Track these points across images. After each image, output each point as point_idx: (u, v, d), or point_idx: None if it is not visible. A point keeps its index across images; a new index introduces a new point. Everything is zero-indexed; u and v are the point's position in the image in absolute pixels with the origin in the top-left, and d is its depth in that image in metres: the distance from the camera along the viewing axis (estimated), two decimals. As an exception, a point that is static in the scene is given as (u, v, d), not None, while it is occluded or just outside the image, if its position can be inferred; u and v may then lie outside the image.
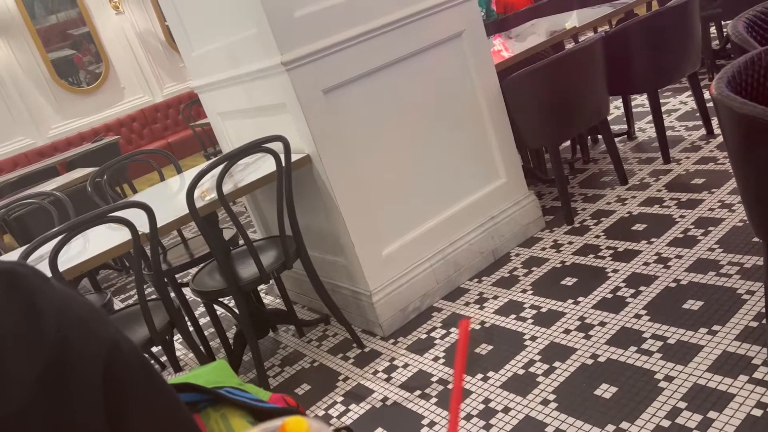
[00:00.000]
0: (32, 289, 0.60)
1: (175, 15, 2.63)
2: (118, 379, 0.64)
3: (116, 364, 0.64)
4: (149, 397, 0.71)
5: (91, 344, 0.63)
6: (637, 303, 2.17)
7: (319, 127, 2.30)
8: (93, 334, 0.63)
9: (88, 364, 0.62)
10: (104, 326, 0.65)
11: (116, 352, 0.65)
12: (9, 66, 7.61)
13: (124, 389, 0.66)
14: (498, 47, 3.64)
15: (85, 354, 0.62)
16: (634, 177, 3.18)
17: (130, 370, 0.67)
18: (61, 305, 0.62)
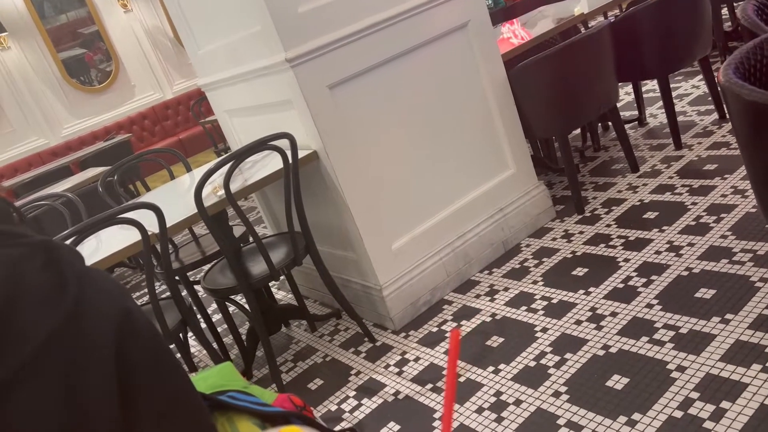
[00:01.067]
0: (63, 257, 0.70)
1: (180, 14, 2.64)
2: (130, 348, 0.71)
3: (130, 334, 0.71)
4: (160, 370, 0.76)
5: (107, 310, 0.70)
6: (649, 292, 2.16)
7: (325, 123, 2.30)
8: (110, 302, 0.71)
9: (102, 329, 0.69)
10: (122, 298, 0.72)
11: (130, 323, 0.72)
12: (20, 67, 7.67)
13: (136, 359, 0.72)
14: (505, 35, 3.61)
15: (99, 318, 0.69)
16: (645, 164, 3.15)
17: (142, 341, 0.73)
18: (84, 274, 0.71)
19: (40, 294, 0.68)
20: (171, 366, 0.79)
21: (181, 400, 0.80)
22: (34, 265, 0.69)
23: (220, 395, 0.96)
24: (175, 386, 0.80)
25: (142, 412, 0.76)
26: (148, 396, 0.75)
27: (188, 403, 0.82)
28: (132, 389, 0.73)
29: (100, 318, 0.70)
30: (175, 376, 0.81)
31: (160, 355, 0.78)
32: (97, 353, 0.70)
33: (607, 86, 2.91)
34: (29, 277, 0.68)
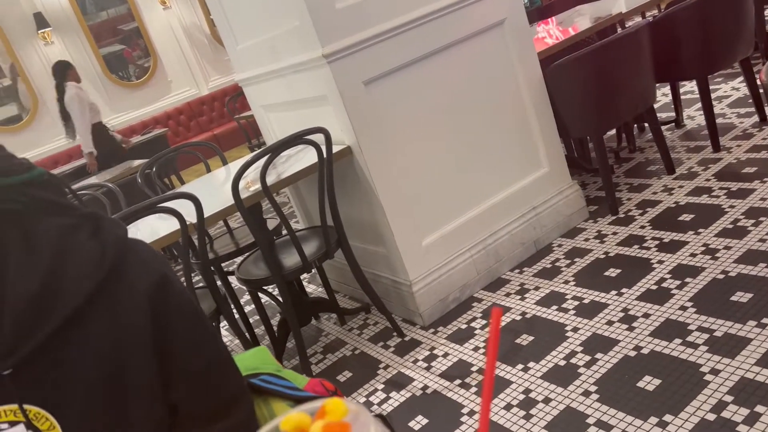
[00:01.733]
0: (107, 227, 0.78)
1: (220, 10, 2.69)
2: (165, 308, 0.78)
3: (166, 295, 0.78)
4: (195, 332, 0.83)
5: (145, 274, 0.78)
6: (683, 295, 2.13)
7: (360, 119, 2.32)
8: (147, 266, 0.78)
9: (140, 289, 0.76)
10: (158, 263, 0.79)
11: (167, 286, 0.79)
12: (63, 62, 7.87)
13: (171, 318, 0.79)
14: (541, 34, 3.59)
15: (138, 279, 0.77)
16: (681, 166, 3.10)
17: (178, 303, 0.80)
18: (126, 242, 0.79)
19: (85, 259, 0.74)
20: (205, 329, 0.84)
21: (215, 358, 0.85)
22: (83, 233, 0.76)
23: (254, 378, 0.99)
24: (210, 348, 0.84)
25: (177, 365, 0.80)
26: (182, 354, 0.80)
27: (222, 361, 0.86)
28: (168, 343, 0.79)
29: (138, 280, 0.77)
30: (210, 339, 0.85)
31: (195, 318, 0.82)
32: (136, 310, 0.76)
33: (643, 86, 2.87)
34: (78, 243, 0.74)
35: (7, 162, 0.73)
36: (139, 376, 0.78)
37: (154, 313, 0.77)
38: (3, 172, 0.72)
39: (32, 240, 0.72)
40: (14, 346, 0.71)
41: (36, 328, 0.72)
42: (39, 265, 0.72)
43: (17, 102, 7.82)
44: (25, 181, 0.74)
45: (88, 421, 0.77)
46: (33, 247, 0.72)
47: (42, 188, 0.76)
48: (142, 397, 0.78)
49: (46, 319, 0.72)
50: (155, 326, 0.77)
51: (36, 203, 0.74)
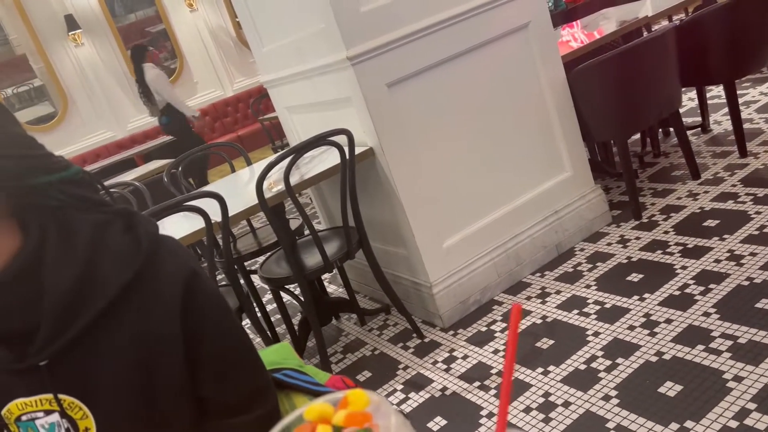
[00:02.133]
0: (140, 223, 0.81)
1: (247, 12, 2.73)
2: (195, 302, 0.80)
3: (195, 290, 0.80)
4: (223, 325, 0.85)
5: (176, 269, 0.80)
6: (707, 301, 2.11)
7: (383, 121, 2.34)
8: (178, 261, 0.81)
9: (171, 282, 0.79)
10: (188, 258, 0.82)
11: (196, 280, 0.81)
12: (92, 63, 8.04)
13: (200, 312, 0.81)
14: (566, 38, 3.58)
15: (169, 273, 0.79)
16: (707, 171, 3.07)
17: (207, 298, 0.82)
18: (157, 237, 0.81)
19: (119, 253, 0.77)
20: (232, 323, 0.87)
21: (242, 351, 0.87)
22: (115, 229, 0.79)
23: (276, 372, 1.02)
24: (237, 341, 0.87)
25: (205, 358, 0.83)
26: (211, 343, 0.83)
27: (248, 354, 0.88)
28: (197, 335, 0.81)
29: (169, 274, 0.79)
30: (237, 333, 0.87)
31: (223, 313, 0.85)
32: (167, 302, 0.79)
33: (669, 91, 2.85)
34: (111, 239, 0.77)
35: (47, 160, 0.76)
36: (169, 368, 0.80)
37: (184, 306, 0.80)
38: (44, 170, 0.75)
39: (68, 235, 0.75)
40: (52, 338, 0.74)
41: (72, 321, 0.75)
42: (75, 260, 0.74)
43: (49, 101, 8.00)
44: (63, 179, 0.77)
45: (119, 411, 0.79)
46: (69, 241, 0.75)
47: (78, 185, 0.78)
48: (172, 387, 0.81)
49: (81, 312, 0.75)
50: (185, 319, 0.80)
51: (72, 199, 0.77)
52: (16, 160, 0.73)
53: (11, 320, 0.76)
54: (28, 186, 0.74)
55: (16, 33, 7.76)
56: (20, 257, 0.74)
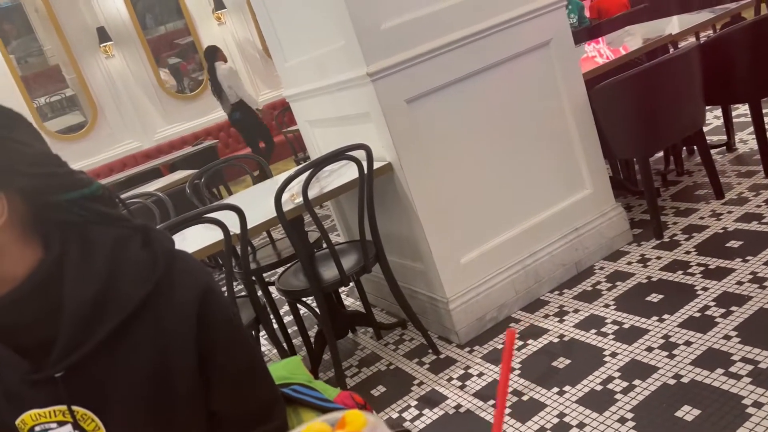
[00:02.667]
0: (157, 238, 0.83)
1: (271, 28, 2.78)
2: (209, 318, 0.82)
3: (209, 306, 0.82)
4: (235, 340, 0.87)
5: (191, 285, 0.82)
6: (728, 324, 2.07)
7: (401, 136, 2.35)
8: (193, 277, 0.83)
9: (186, 299, 0.81)
10: (203, 274, 0.84)
11: (211, 296, 0.83)
12: (122, 74, 8.21)
13: (214, 328, 0.83)
14: (590, 54, 3.56)
15: (184, 289, 0.81)
16: (731, 191, 3.02)
17: (221, 313, 0.84)
18: (173, 253, 0.84)
19: (137, 268, 0.79)
20: (245, 339, 0.88)
21: (253, 366, 0.89)
22: (135, 243, 0.81)
23: (285, 387, 1.03)
24: (249, 356, 0.89)
25: (217, 373, 0.84)
26: (223, 358, 0.84)
27: (259, 369, 0.90)
28: (210, 351, 0.83)
29: (185, 290, 0.81)
30: (249, 348, 0.89)
31: (236, 328, 0.87)
32: (181, 318, 0.81)
33: (692, 109, 2.82)
34: (130, 254, 0.80)
35: (71, 178, 0.79)
36: (182, 382, 0.82)
37: (199, 321, 0.81)
38: (67, 187, 0.78)
39: (89, 250, 0.78)
40: (68, 351, 0.76)
41: (90, 334, 0.76)
42: (95, 274, 0.77)
43: (80, 111, 8.18)
44: (85, 195, 0.79)
45: (132, 423, 0.81)
46: (89, 256, 0.78)
47: (98, 201, 0.81)
48: (185, 402, 0.82)
49: (99, 326, 0.77)
50: (199, 334, 0.82)
51: (93, 215, 0.80)
52: (43, 178, 0.76)
53: (29, 331, 0.78)
54: (52, 202, 0.77)
55: (50, 44, 7.97)
56: (40, 270, 0.76)
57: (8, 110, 0.77)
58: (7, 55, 7.55)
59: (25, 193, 0.75)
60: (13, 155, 0.74)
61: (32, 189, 0.76)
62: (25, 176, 0.75)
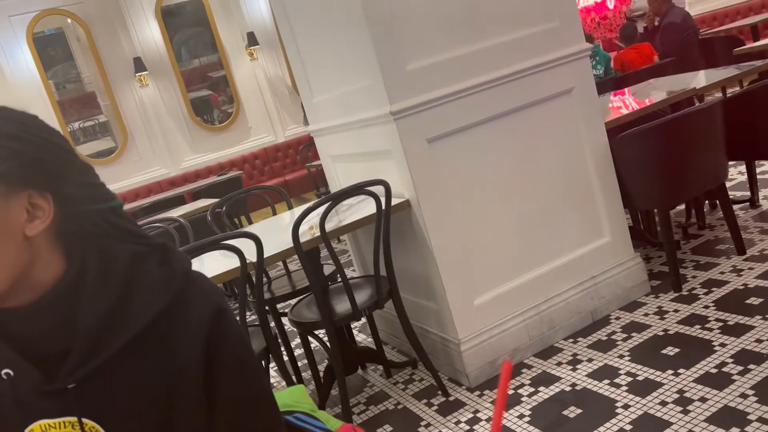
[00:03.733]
0: (175, 257, 0.85)
1: (300, 65, 2.86)
2: (219, 340, 0.83)
3: (220, 330, 0.83)
4: (243, 366, 0.87)
5: (204, 306, 0.83)
6: (745, 382, 2.02)
7: (421, 174, 2.38)
8: (207, 299, 0.84)
9: (197, 320, 0.82)
10: (216, 296, 0.85)
11: (223, 320, 0.84)
12: (154, 103, 8.44)
13: (223, 350, 0.83)
14: (615, 104, 3.59)
15: (198, 309, 0.82)
16: (753, 247, 2.98)
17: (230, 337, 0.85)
18: (189, 274, 0.85)
19: (153, 285, 0.81)
20: (252, 361, 0.89)
21: (259, 390, 0.89)
22: (153, 261, 0.83)
23: (288, 415, 1.03)
24: (256, 384, 0.89)
25: (223, 394, 0.84)
26: (230, 380, 0.85)
27: (264, 394, 0.90)
28: (217, 372, 0.83)
29: (199, 308, 0.82)
30: (257, 375, 0.89)
31: (244, 350, 0.87)
32: (193, 337, 0.82)
33: (714, 163, 2.81)
34: (148, 270, 0.81)
35: (100, 190, 0.82)
36: (187, 402, 0.82)
37: (209, 343, 0.82)
38: (96, 199, 0.81)
39: (108, 263, 0.80)
40: (82, 362, 0.77)
41: (104, 347, 0.78)
42: (111, 289, 0.78)
43: (111, 136, 8.40)
44: (110, 208, 0.82)
45: None
46: (108, 270, 0.79)
47: (120, 216, 0.84)
48: (189, 422, 0.83)
49: (113, 339, 0.78)
50: (208, 355, 0.82)
51: (115, 229, 0.82)
52: (84, 187, 0.80)
53: (43, 342, 0.79)
54: (83, 212, 0.79)
55: (88, 71, 8.25)
56: (62, 283, 0.78)
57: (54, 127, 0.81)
58: (46, 80, 7.82)
59: (65, 199, 0.78)
60: (64, 162, 0.78)
61: (73, 195, 0.78)
62: (70, 183, 0.78)
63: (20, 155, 0.74)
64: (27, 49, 7.67)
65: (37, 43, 7.78)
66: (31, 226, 0.75)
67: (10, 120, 0.76)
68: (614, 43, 8.79)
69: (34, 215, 0.75)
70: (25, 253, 0.75)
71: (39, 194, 0.75)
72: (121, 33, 8.19)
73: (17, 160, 0.74)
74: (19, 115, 0.78)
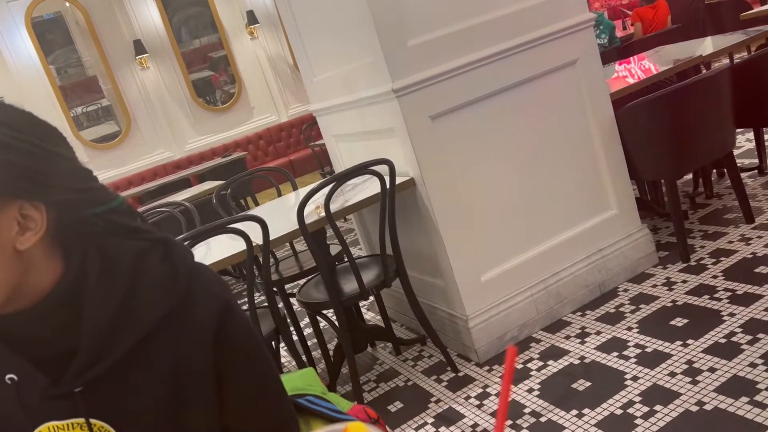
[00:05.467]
0: (178, 252, 0.83)
1: (300, 44, 2.83)
2: (227, 334, 0.82)
3: (228, 322, 0.82)
4: (252, 356, 0.87)
5: (210, 302, 0.81)
6: (754, 351, 2.02)
7: (425, 152, 2.36)
8: (213, 294, 0.82)
9: (205, 316, 0.80)
10: (224, 292, 0.84)
11: (230, 314, 0.83)
12: (156, 85, 8.41)
13: (232, 343, 0.82)
14: (622, 73, 3.54)
15: (204, 306, 0.81)
16: (762, 215, 2.96)
17: (239, 330, 0.83)
18: (193, 268, 0.83)
19: (158, 282, 0.79)
20: (262, 355, 0.88)
21: (269, 384, 0.89)
22: (155, 256, 0.81)
23: (299, 398, 1.04)
24: (264, 373, 0.89)
25: (234, 390, 0.85)
26: (240, 376, 0.85)
27: (274, 387, 0.90)
28: (227, 368, 0.83)
29: (205, 306, 0.81)
30: (266, 367, 0.89)
31: (253, 344, 0.87)
32: (200, 335, 0.81)
33: (722, 132, 2.77)
34: (150, 267, 0.79)
35: (99, 193, 0.79)
36: (198, 397, 0.82)
37: (216, 338, 0.81)
38: (98, 203, 0.78)
39: (109, 263, 0.77)
40: (89, 366, 0.76)
41: (110, 349, 0.76)
42: (115, 288, 0.76)
43: (114, 121, 8.39)
44: (111, 209, 0.79)
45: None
46: (110, 270, 0.77)
47: (121, 214, 0.81)
48: (200, 417, 0.83)
49: (119, 341, 0.76)
50: (216, 351, 0.82)
51: (114, 227, 0.80)
52: (80, 193, 0.76)
53: (49, 345, 0.77)
54: (81, 217, 0.77)
55: (88, 56, 8.21)
56: (62, 285, 0.75)
57: (51, 125, 0.76)
58: (47, 65, 7.79)
59: (61, 207, 0.75)
60: (56, 169, 0.74)
61: (69, 203, 0.75)
62: (65, 190, 0.74)
63: (9, 165, 0.70)
64: (26, 34, 7.63)
65: (36, 28, 7.73)
66: (22, 239, 0.71)
67: (1, 125, 0.71)
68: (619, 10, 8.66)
69: (26, 227, 0.72)
70: (17, 266, 0.72)
71: (31, 205, 0.71)
72: (120, 15, 8.13)
73: (6, 171, 0.69)
74: (11, 115, 0.73)
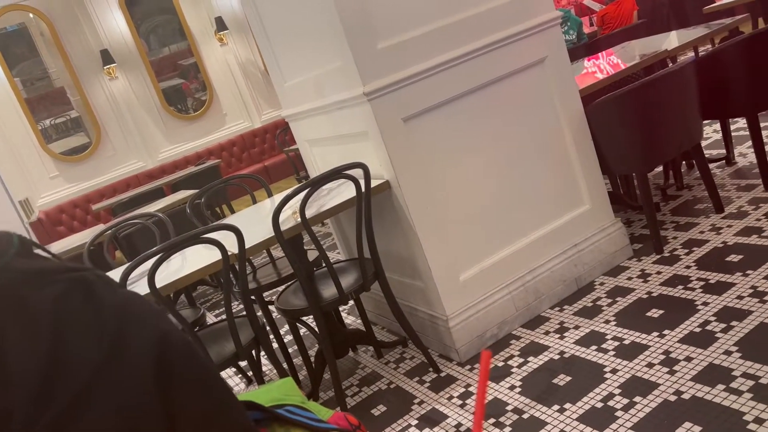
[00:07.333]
0: (99, 289, 0.75)
1: (270, 50, 2.81)
2: (169, 368, 0.76)
3: (167, 354, 0.76)
4: (200, 384, 0.81)
5: (144, 335, 0.75)
6: (728, 339, 2.06)
7: (399, 154, 2.37)
8: (146, 326, 0.76)
9: (141, 352, 0.74)
10: (158, 322, 0.77)
11: (166, 343, 0.77)
12: (125, 95, 8.30)
13: (175, 376, 0.77)
14: (590, 70, 3.59)
15: (138, 339, 0.74)
16: (731, 205, 3.02)
17: (180, 359, 0.78)
18: (120, 305, 0.76)
19: (84, 329, 0.72)
20: (210, 376, 0.84)
21: (223, 410, 0.85)
22: (75, 301, 0.73)
23: (279, 408, 1.02)
24: (216, 399, 0.85)
25: (186, 418, 0.80)
26: (190, 403, 0.80)
27: (230, 413, 0.86)
28: (174, 399, 0.78)
29: (139, 343, 0.75)
30: (215, 385, 0.85)
31: (197, 368, 0.82)
32: (138, 371, 0.75)
33: (689, 124, 2.83)
34: (72, 314, 0.72)
35: None
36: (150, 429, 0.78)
37: (157, 370, 0.76)
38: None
39: (27, 315, 0.71)
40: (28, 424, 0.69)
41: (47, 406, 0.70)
42: (39, 346, 0.70)
43: (84, 132, 8.25)
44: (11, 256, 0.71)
45: None
46: (29, 327, 0.70)
47: (24, 257, 0.73)
48: None
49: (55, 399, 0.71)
50: (158, 382, 0.76)
51: (23, 276, 0.72)
52: None
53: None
54: None
55: (55, 67, 8.07)
56: None
57: None
58: (11, 78, 7.64)
59: None
60: None
61: None
62: None
63: None
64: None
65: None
66: None
67: None
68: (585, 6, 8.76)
69: None
70: None
71: None
72: (86, 25, 8.01)
73: None
74: None
